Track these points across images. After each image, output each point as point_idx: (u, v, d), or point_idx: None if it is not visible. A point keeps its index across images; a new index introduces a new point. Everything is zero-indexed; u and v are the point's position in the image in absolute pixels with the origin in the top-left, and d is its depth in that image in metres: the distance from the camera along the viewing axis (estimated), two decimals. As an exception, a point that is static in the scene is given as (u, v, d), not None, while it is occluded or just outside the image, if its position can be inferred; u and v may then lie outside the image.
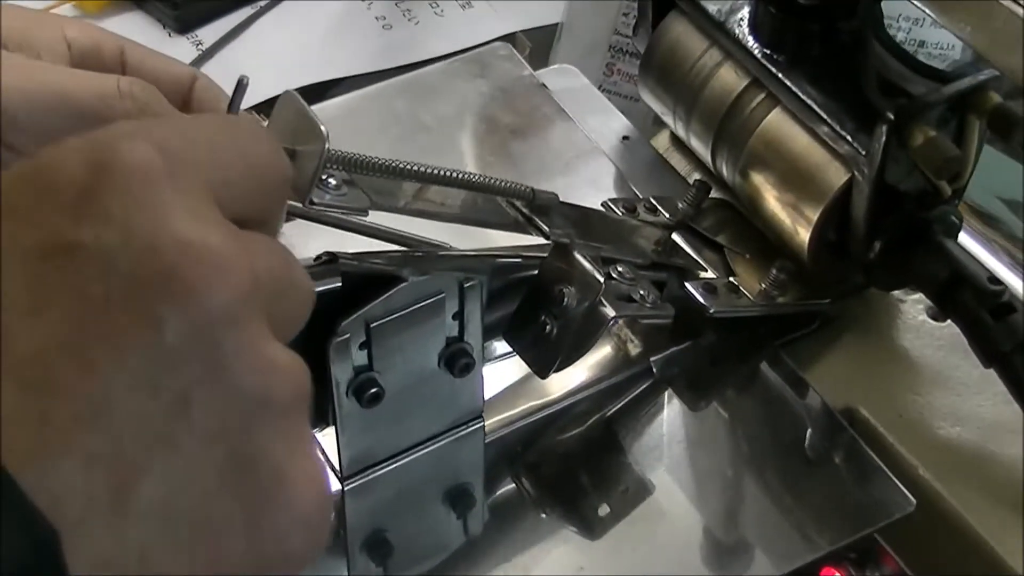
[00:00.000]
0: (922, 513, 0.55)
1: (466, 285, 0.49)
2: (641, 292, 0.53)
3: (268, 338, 0.28)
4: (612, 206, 0.61)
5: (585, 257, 0.52)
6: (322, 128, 0.41)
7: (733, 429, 0.60)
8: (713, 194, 0.66)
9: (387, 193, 0.47)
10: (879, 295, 0.63)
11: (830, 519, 0.54)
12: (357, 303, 0.47)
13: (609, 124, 0.73)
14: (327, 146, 0.41)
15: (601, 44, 0.98)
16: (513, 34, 0.96)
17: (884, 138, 0.53)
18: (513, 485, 0.58)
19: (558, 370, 0.52)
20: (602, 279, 0.51)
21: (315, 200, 0.42)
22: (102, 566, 0.25)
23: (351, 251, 0.47)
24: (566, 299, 0.51)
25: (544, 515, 0.57)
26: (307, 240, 0.51)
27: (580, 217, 0.55)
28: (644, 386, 0.61)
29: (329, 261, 0.45)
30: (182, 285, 0.26)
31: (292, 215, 0.43)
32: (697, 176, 0.69)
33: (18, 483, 0.23)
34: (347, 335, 0.47)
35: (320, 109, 0.70)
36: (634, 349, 0.61)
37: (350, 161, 0.43)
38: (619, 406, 0.61)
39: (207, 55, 0.94)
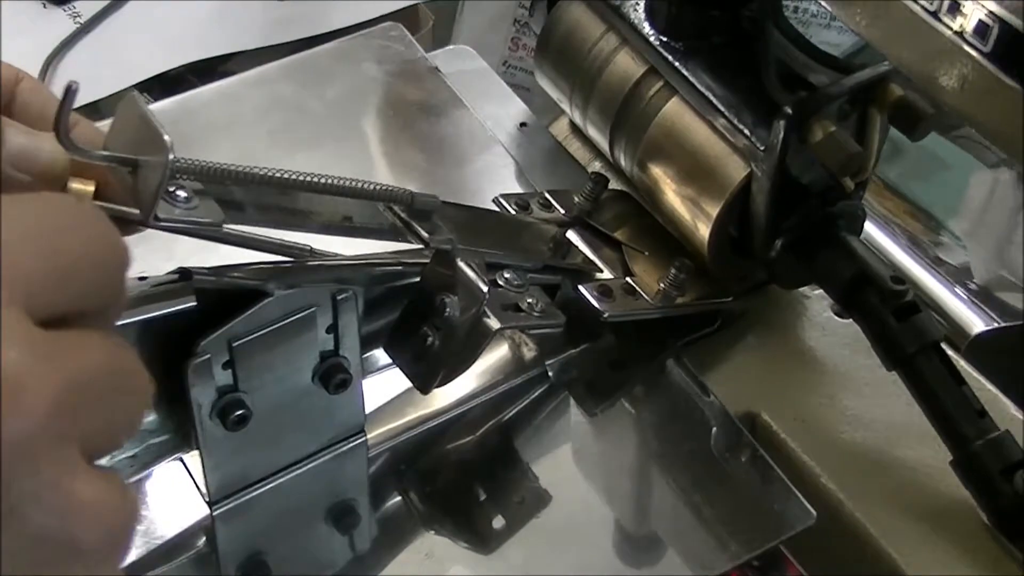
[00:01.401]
0: (825, 522, 0.54)
1: (339, 298, 0.47)
2: (529, 300, 0.51)
3: (74, 471, 0.25)
4: (504, 203, 0.59)
5: (469, 264, 0.49)
6: (166, 138, 0.38)
7: (632, 436, 0.58)
8: (613, 185, 0.64)
9: (247, 203, 0.44)
10: (784, 291, 0.62)
11: (730, 534, 0.53)
12: (219, 320, 0.44)
13: (506, 110, 0.70)
14: (171, 156, 0.38)
15: (506, 17, 0.96)
16: (415, 6, 0.93)
17: (782, 133, 0.51)
18: (400, 500, 0.56)
19: (440, 385, 0.50)
20: (486, 288, 0.48)
21: (160, 216, 0.39)
22: None
23: (212, 263, 0.45)
24: (448, 310, 0.49)
25: (434, 531, 0.55)
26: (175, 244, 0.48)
27: (466, 219, 0.53)
28: (540, 391, 0.59)
29: (181, 278, 0.42)
30: None
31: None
32: (598, 165, 0.67)
33: None
34: (207, 355, 0.44)
35: (195, 96, 0.67)
36: (529, 352, 0.59)
37: (201, 171, 0.41)
38: (513, 413, 0.59)
39: (85, 29, 0.90)
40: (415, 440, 0.57)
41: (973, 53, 0.39)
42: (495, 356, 0.59)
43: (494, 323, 0.49)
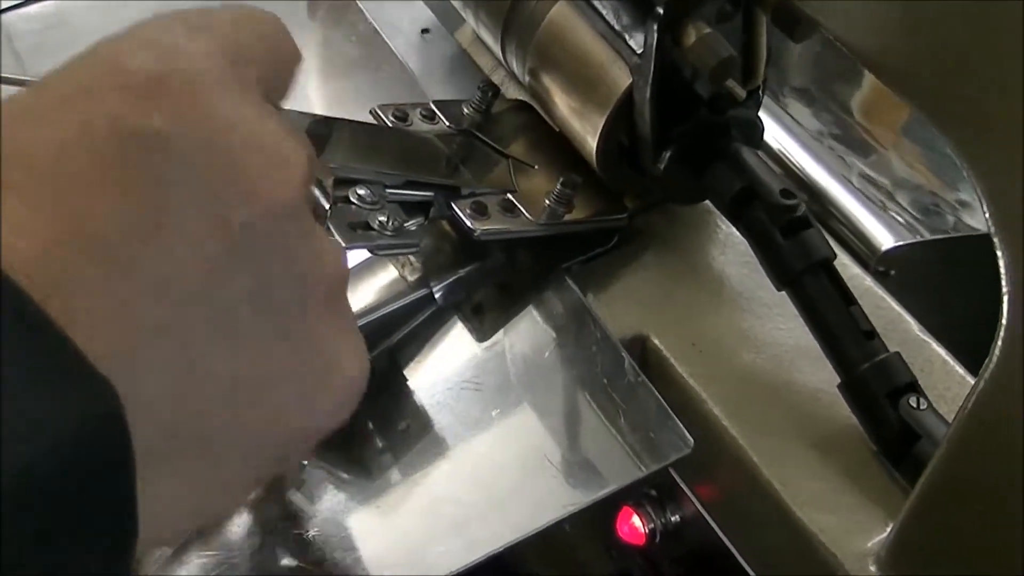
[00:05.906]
0: (711, 451, 0.53)
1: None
2: (381, 219, 0.50)
3: (316, 227, 0.31)
4: (380, 113, 0.58)
5: (315, 180, 0.48)
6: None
7: (521, 361, 0.58)
8: (517, 94, 0.63)
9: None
10: (690, 207, 0.60)
11: (606, 462, 0.52)
12: None
13: (409, 13, 0.68)
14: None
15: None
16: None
17: (656, 36, 0.50)
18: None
19: (288, 308, 0.49)
20: (328, 205, 0.47)
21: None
22: (168, 427, 0.28)
23: None
24: (291, 228, 0.48)
25: (313, 459, 0.55)
26: None
27: (320, 130, 0.51)
28: (425, 315, 0.59)
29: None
30: (250, 183, 0.28)
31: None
32: (503, 74, 0.65)
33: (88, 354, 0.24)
34: None
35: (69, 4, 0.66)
36: (413, 274, 0.59)
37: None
38: (399, 337, 0.58)
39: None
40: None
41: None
42: (378, 277, 0.59)
43: (337, 242, 0.48)
